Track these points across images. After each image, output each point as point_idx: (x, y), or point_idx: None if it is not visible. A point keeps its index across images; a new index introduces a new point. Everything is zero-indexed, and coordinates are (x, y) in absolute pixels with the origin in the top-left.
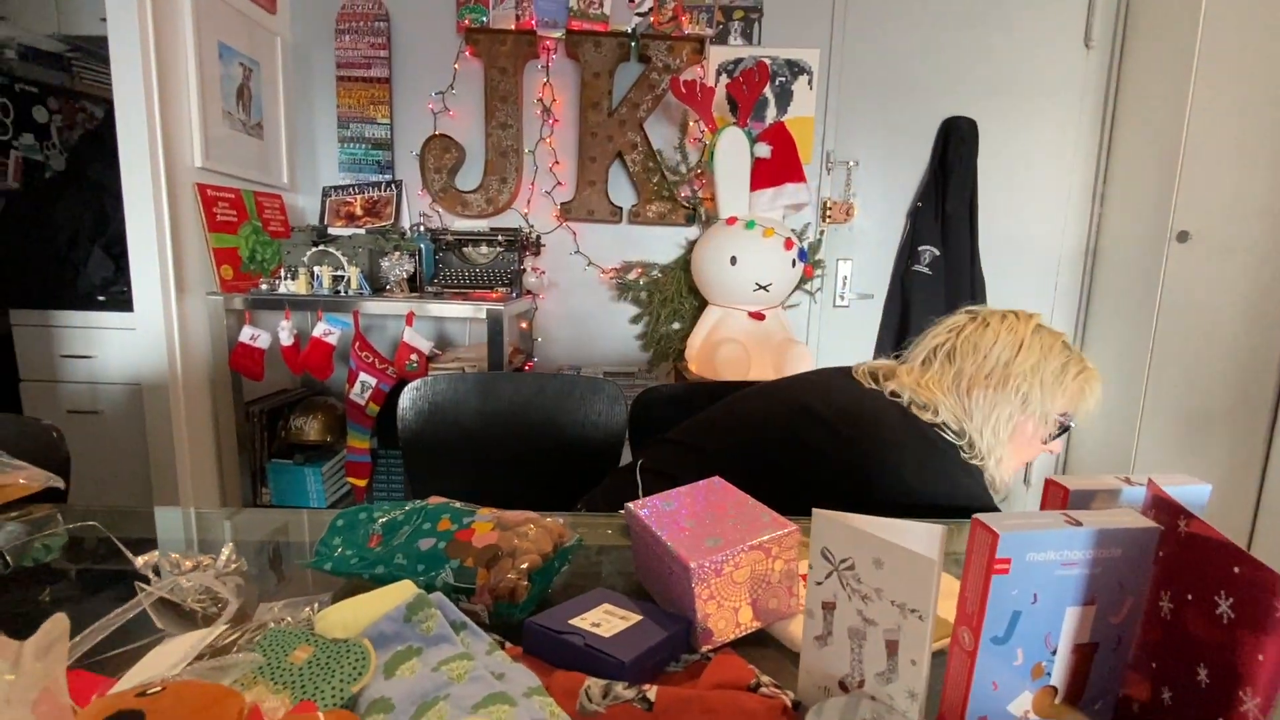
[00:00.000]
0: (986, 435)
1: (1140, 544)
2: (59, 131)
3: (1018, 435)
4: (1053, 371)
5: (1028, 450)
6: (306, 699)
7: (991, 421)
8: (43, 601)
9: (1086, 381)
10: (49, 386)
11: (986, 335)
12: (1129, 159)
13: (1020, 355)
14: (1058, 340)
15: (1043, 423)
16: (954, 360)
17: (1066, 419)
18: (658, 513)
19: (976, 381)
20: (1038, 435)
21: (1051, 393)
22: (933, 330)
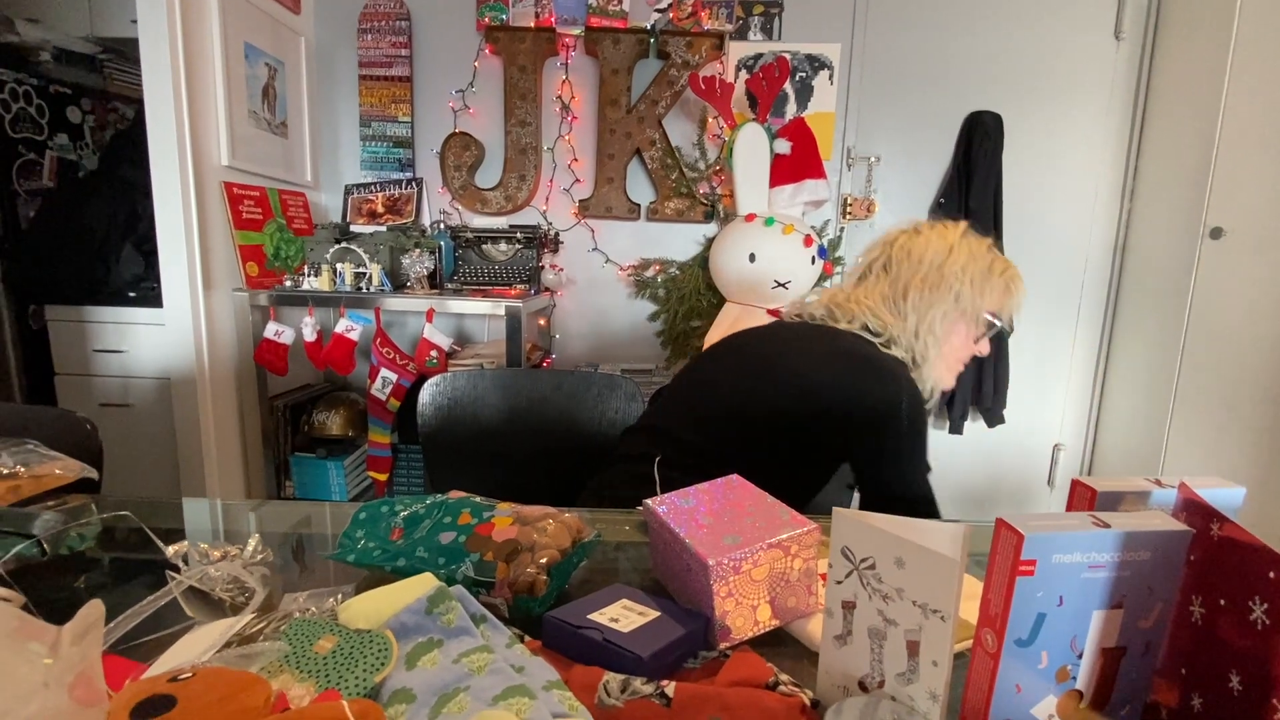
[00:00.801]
0: (923, 335)
1: (1171, 547)
2: (91, 131)
3: (952, 335)
4: (981, 271)
5: (961, 350)
6: (330, 688)
7: (928, 321)
8: (77, 588)
9: (1011, 280)
10: (82, 380)
11: (919, 241)
12: (1160, 154)
13: (951, 256)
14: (984, 244)
15: (973, 322)
16: (890, 269)
17: (995, 318)
18: (676, 510)
19: (912, 285)
20: (970, 334)
21: (981, 290)
22: (867, 248)
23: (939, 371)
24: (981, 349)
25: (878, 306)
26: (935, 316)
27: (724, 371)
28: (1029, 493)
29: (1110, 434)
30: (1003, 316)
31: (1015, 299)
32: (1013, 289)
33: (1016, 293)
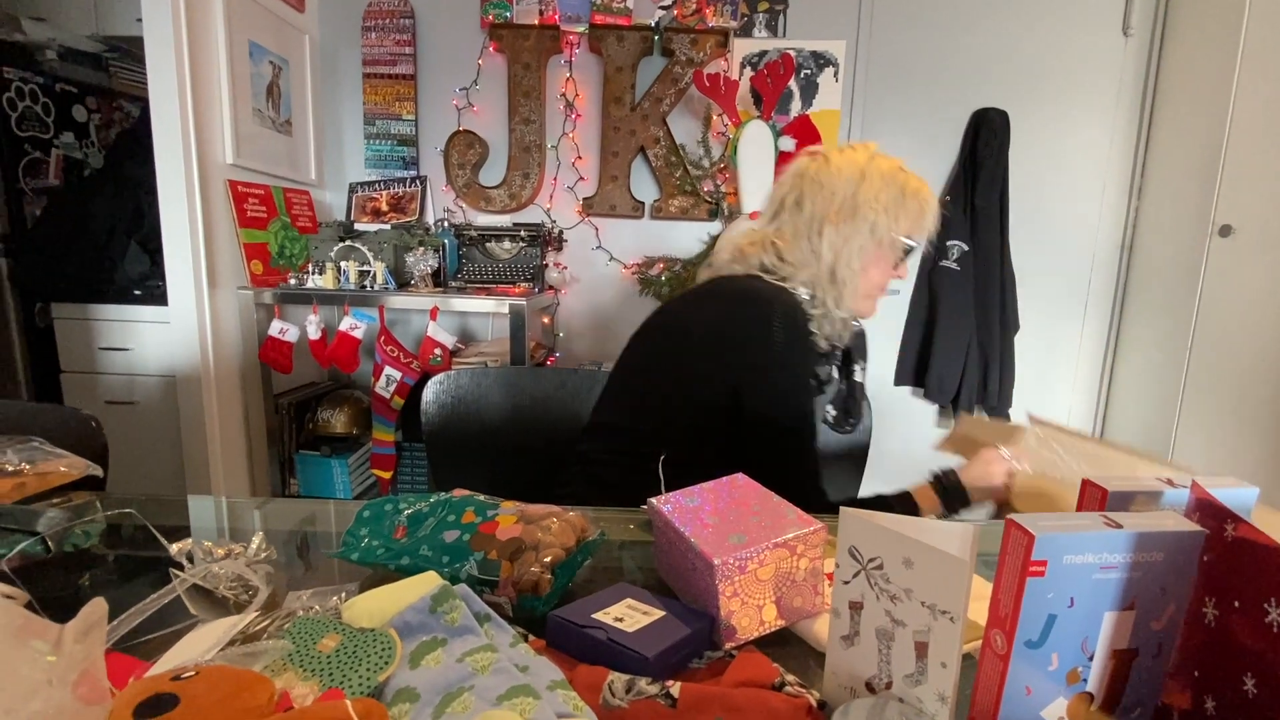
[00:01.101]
0: (841, 271)
1: (1184, 548)
2: (97, 130)
3: (870, 267)
4: (894, 196)
5: (881, 278)
6: (334, 686)
7: (845, 255)
8: (82, 586)
9: (925, 202)
10: (88, 378)
11: (830, 170)
12: (1169, 151)
13: (864, 184)
14: (894, 165)
15: (891, 249)
16: (802, 205)
17: (910, 241)
18: (680, 509)
19: (828, 220)
20: (888, 262)
21: (896, 217)
22: (778, 181)
23: (858, 304)
24: (901, 273)
25: (788, 246)
26: (852, 251)
27: (630, 350)
28: None
29: (1117, 433)
30: (917, 238)
31: (929, 219)
32: (926, 210)
33: (930, 213)
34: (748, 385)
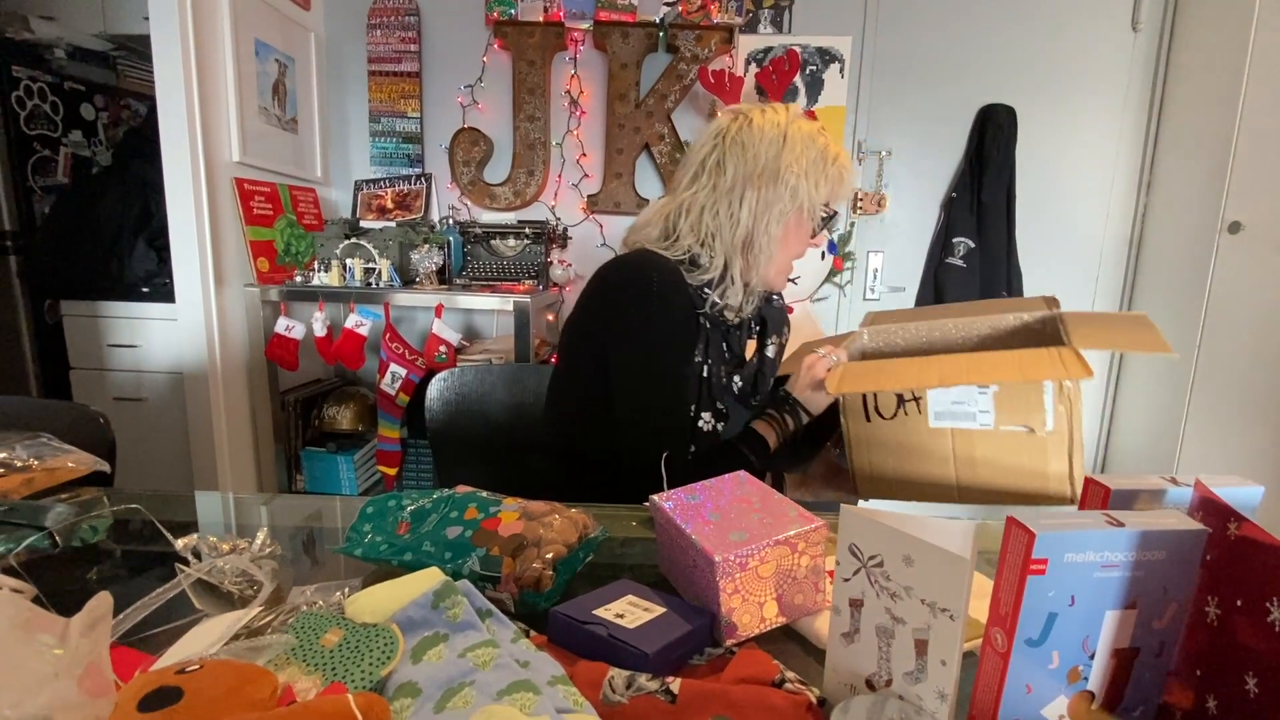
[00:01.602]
0: (759, 236)
1: (1186, 547)
2: (105, 128)
3: (789, 233)
4: (814, 160)
5: (798, 246)
6: (337, 681)
7: (764, 221)
8: (88, 580)
9: (843, 167)
10: (97, 374)
11: (752, 132)
12: (1178, 147)
13: (786, 147)
14: (814, 128)
15: (809, 216)
16: (724, 166)
17: (829, 209)
18: (682, 506)
19: (750, 181)
20: (806, 230)
21: (816, 183)
22: (697, 143)
23: (771, 276)
24: (819, 240)
25: (705, 212)
26: (772, 217)
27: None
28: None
29: (1124, 431)
30: (835, 205)
31: (847, 185)
32: (845, 175)
33: (848, 179)
34: (613, 360)
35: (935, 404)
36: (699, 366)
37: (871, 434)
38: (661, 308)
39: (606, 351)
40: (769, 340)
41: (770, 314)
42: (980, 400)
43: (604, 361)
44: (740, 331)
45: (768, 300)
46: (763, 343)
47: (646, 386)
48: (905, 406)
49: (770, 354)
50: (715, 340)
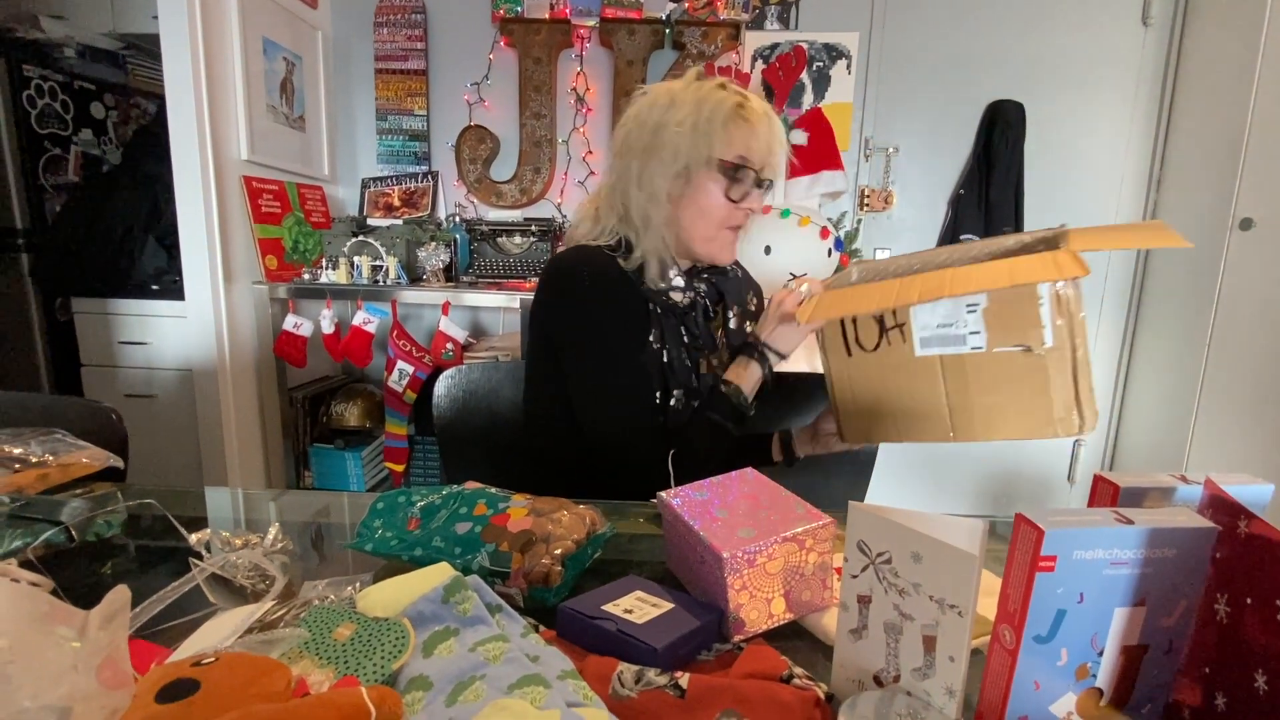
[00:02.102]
0: (652, 211)
1: (1196, 545)
2: (114, 127)
3: (687, 197)
4: (701, 115)
5: (714, 210)
6: (349, 674)
7: (651, 192)
8: (103, 574)
9: (735, 115)
10: (108, 371)
11: (645, 103)
12: (1189, 143)
13: (670, 110)
14: (710, 86)
15: (709, 170)
16: (626, 145)
17: (742, 160)
18: (690, 502)
19: (641, 153)
20: (710, 192)
21: (706, 136)
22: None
23: (699, 246)
24: (752, 204)
25: (614, 200)
26: (658, 187)
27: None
28: (1048, 488)
29: (1133, 429)
30: (750, 157)
31: (749, 133)
32: (742, 120)
33: (753, 123)
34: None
35: (920, 328)
36: (657, 352)
37: (854, 370)
38: (597, 296)
39: (559, 352)
40: (729, 313)
41: (726, 286)
42: (969, 320)
43: (557, 361)
44: (695, 312)
45: (723, 274)
46: (724, 318)
47: (596, 373)
48: (888, 335)
49: (733, 326)
50: (670, 325)
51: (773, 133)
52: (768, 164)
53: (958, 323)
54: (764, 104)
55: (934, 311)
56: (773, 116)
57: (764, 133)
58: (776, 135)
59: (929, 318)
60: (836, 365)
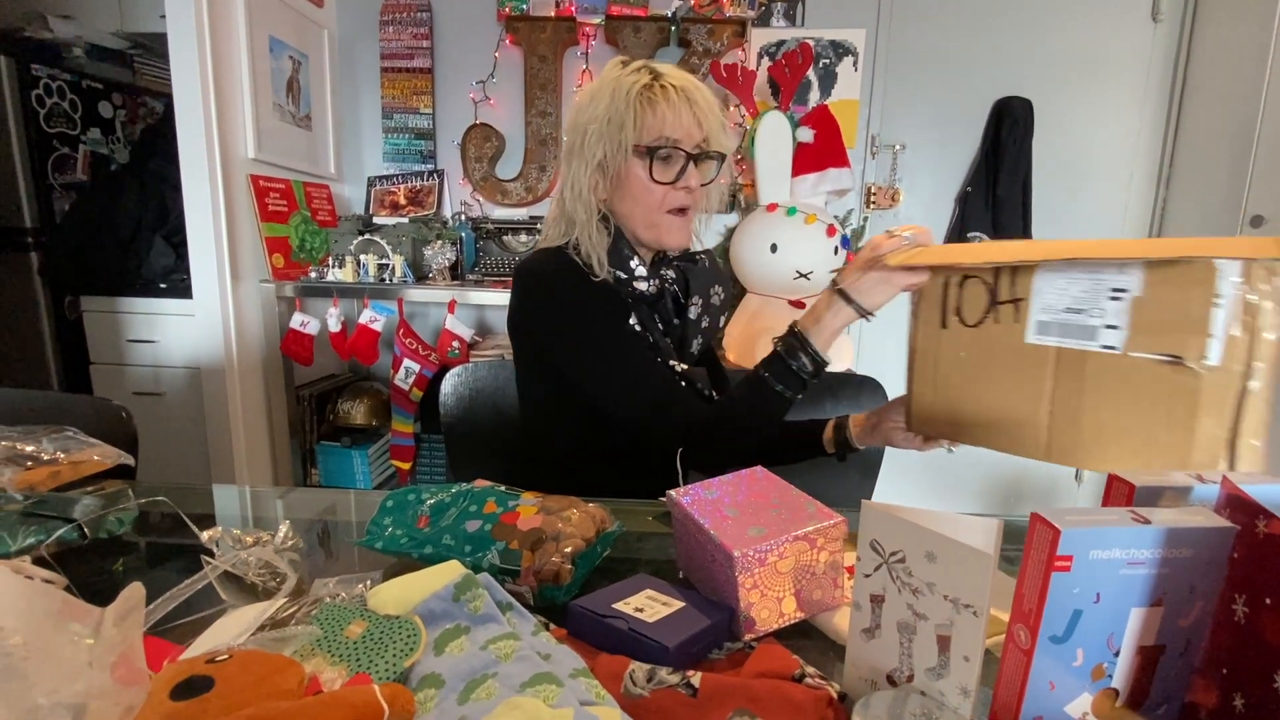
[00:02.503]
0: (579, 208)
1: (1214, 544)
2: (122, 126)
3: (618, 188)
4: (619, 104)
5: (645, 196)
6: (361, 672)
7: (578, 187)
8: (115, 571)
9: (656, 94)
10: (116, 369)
11: (578, 101)
12: (1199, 139)
13: (593, 101)
14: (632, 68)
15: (630, 157)
16: (567, 152)
17: (663, 140)
18: (700, 501)
19: (568, 158)
20: (634, 175)
21: (619, 125)
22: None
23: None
24: (687, 183)
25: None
26: (582, 181)
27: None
28: (1056, 488)
29: None
30: (671, 134)
31: (666, 110)
32: (657, 100)
33: (669, 102)
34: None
35: (1041, 308)
36: (642, 335)
37: (944, 346)
38: (569, 289)
39: (549, 354)
40: (690, 303)
41: (693, 273)
42: (1109, 308)
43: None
44: (665, 299)
45: (693, 261)
46: (684, 305)
47: (600, 362)
48: (998, 310)
49: (692, 315)
50: (644, 313)
51: (697, 104)
52: (696, 138)
53: (1093, 310)
54: (685, 77)
55: (1066, 289)
56: (697, 88)
57: (682, 107)
58: (703, 106)
59: (1056, 296)
60: (925, 337)
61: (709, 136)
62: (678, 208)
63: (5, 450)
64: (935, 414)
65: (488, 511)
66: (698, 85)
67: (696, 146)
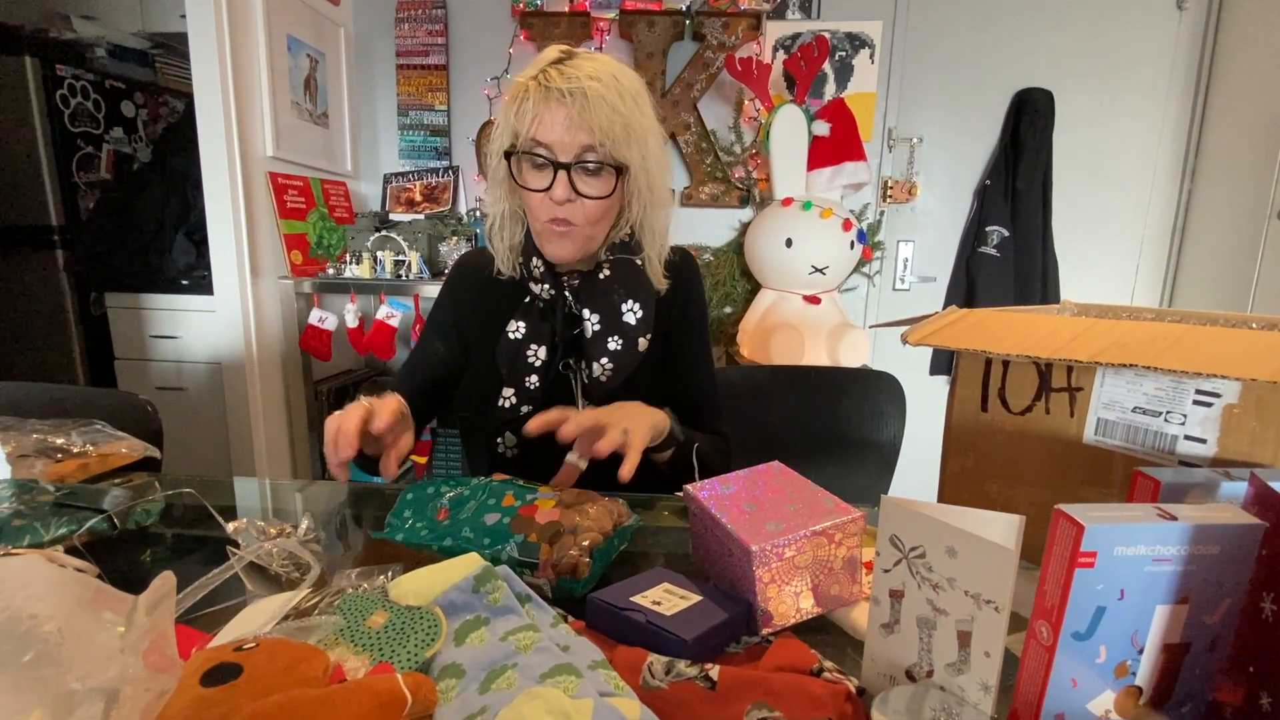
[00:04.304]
0: (488, 203)
1: (1241, 541)
2: (144, 125)
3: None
4: (508, 103)
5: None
6: (383, 661)
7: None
8: (143, 561)
9: (532, 92)
10: (140, 364)
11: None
12: (1225, 130)
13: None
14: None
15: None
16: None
17: (528, 144)
18: (717, 496)
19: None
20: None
21: (505, 128)
22: None
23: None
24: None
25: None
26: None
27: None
28: None
29: None
30: (541, 136)
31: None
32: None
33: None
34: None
35: (1104, 404)
36: (515, 343)
37: (981, 433)
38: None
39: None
40: (587, 318)
41: (590, 285)
42: (1194, 414)
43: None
44: (557, 308)
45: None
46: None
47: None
48: (1050, 399)
49: (589, 335)
50: (533, 319)
51: (580, 105)
52: (574, 144)
53: (1169, 411)
54: (586, 70)
55: (1136, 383)
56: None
57: (557, 108)
58: (585, 109)
59: (1123, 390)
60: (959, 421)
61: (603, 143)
62: (556, 219)
63: (37, 443)
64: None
65: (506, 505)
66: (597, 83)
67: (577, 154)
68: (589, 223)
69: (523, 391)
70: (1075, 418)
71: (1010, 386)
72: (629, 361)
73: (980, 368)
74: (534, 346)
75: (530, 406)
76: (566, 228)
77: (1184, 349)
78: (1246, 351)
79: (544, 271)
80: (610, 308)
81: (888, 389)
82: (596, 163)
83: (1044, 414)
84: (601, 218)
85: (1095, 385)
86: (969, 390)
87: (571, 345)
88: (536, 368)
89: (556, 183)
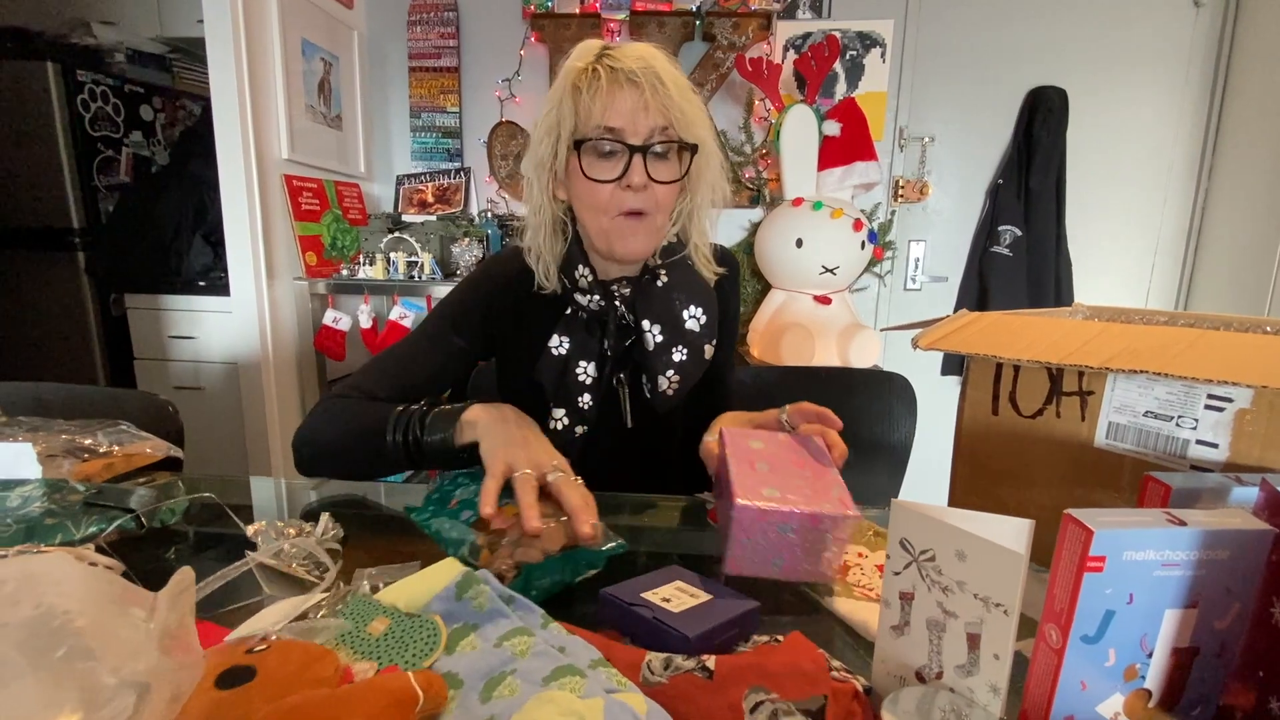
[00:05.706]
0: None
1: (1251, 547)
2: (162, 128)
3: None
4: (558, 92)
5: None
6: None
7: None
8: (166, 559)
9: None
10: (159, 365)
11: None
12: (1242, 129)
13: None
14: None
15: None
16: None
17: (604, 131)
18: (740, 446)
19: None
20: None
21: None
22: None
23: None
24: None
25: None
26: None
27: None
28: None
29: None
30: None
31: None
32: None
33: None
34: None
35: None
36: (561, 361)
37: (991, 436)
38: (460, 287)
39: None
40: (648, 331)
41: (646, 293)
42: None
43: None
44: (609, 321)
45: (644, 283)
46: (638, 330)
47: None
48: (1061, 402)
49: (650, 347)
50: (577, 328)
51: (649, 86)
52: (646, 127)
53: (1180, 417)
54: (642, 55)
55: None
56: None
57: (625, 91)
58: (660, 88)
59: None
60: (969, 424)
61: (671, 124)
62: (630, 210)
63: (65, 443)
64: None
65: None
66: (656, 65)
67: (648, 137)
68: (660, 211)
69: (574, 411)
70: (1086, 421)
71: (1021, 390)
72: (695, 371)
73: (991, 371)
74: (583, 363)
75: (585, 428)
76: (640, 219)
77: (1196, 355)
78: (1259, 357)
79: (592, 281)
80: (672, 316)
81: (899, 389)
82: (667, 143)
83: (1055, 417)
84: (671, 206)
85: (1106, 389)
86: (980, 393)
87: (622, 359)
88: (587, 386)
89: (632, 168)
